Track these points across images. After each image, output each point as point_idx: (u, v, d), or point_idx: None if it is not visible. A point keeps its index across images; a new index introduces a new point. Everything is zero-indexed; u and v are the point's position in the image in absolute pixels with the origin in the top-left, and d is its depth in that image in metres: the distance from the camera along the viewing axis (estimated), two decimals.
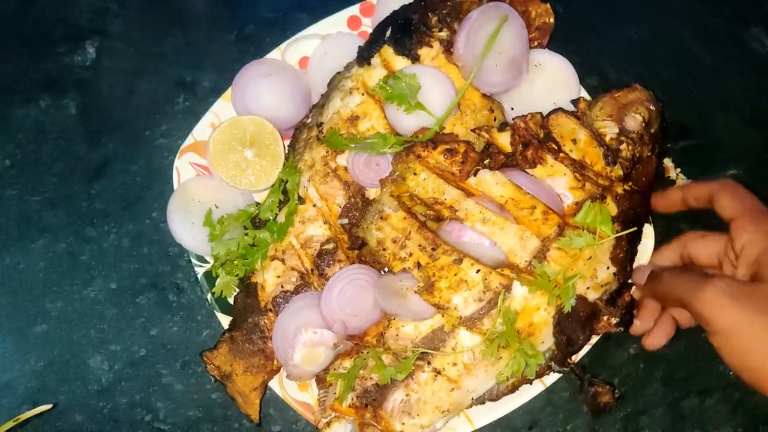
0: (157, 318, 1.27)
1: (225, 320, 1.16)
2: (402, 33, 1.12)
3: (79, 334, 1.27)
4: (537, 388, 1.15)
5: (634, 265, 1.11)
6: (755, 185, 1.28)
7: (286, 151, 1.18)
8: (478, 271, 1.01)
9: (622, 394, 1.21)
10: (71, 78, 1.37)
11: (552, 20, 1.18)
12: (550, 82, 1.17)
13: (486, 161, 1.04)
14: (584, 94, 1.18)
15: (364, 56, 1.14)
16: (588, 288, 1.04)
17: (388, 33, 1.13)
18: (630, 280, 1.09)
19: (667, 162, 1.31)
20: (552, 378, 1.15)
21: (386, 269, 1.06)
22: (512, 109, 1.17)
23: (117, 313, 1.28)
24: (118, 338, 1.27)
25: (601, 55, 1.35)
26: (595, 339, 1.14)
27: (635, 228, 1.03)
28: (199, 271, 1.18)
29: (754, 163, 1.32)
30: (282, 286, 1.11)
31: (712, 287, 0.91)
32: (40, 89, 1.36)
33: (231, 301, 1.16)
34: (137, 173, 1.33)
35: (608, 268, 1.04)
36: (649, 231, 1.15)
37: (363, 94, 1.12)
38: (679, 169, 1.31)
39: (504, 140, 1.07)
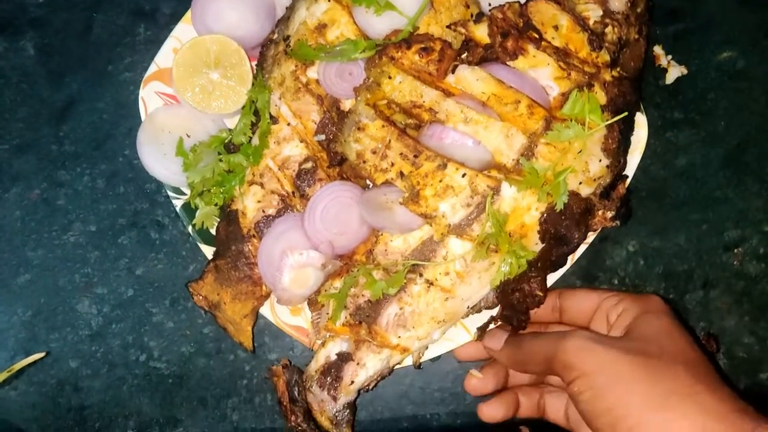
0: (140, 257, 1.24)
1: (209, 251, 1.13)
2: None
3: (64, 280, 1.24)
4: None
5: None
6: (750, 67, 1.24)
7: (254, 71, 1.12)
8: (464, 175, 0.96)
9: None
10: (26, 18, 1.30)
11: None
12: None
13: (464, 56, 0.98)
14: None
15: None
16: (580, 183, 0.99)
17: None
18: (624, 173, 1.05)
19: (658, 49, 1.25)
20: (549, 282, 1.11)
21: (369, 183, 1.02)
22: (489, 4, 1.09)
23: (100, 256, 1.25)
24: (104, 281, 1.24)
25: None
26: (591, 237, 1.10)
27: (625, 114, 0.98)
28: (177, 203, 1.14)
29: (749, 44, 1.25)
30: (263, 211, 1.07)
31: (576, 335, 0.92)
32: None
33: (213, 231, 1.12)
34: (104, 111, 1.28)
35: (600, 160, 0.99)
36: (641, 120, 1.09)
37: (329, 1, 1.05)
38: (670, 56, 1.24)
39: (482, 33, 1.00)
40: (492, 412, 1.06)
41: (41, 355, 1.21)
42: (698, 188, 1.24)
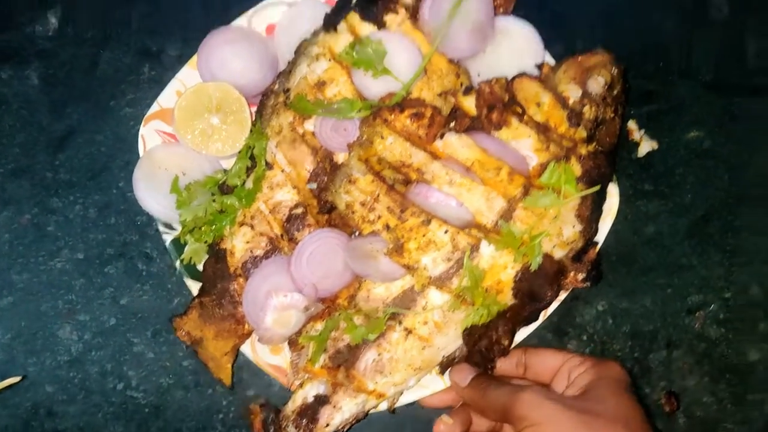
0: (126, 287, 1.26)
1: (195, 287, 1.16)
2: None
3: (47, 305, 1.26)
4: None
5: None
6: (716, 147, 1.34)
7: (253, 118, 1.18)
8: (446, 232, 1.03)
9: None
10: (33, 48, 1.33)
11: None
12: (516, 47, 1.18)
13: (452, 124, 1.06)
14: (549, 59, 1.20)
15: (330, 22, 1.13)
16: (554, 246, 1.06)
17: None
18: (595, 238, 1.13)
19: (632, 125, 1.35)
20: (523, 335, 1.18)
21: (356, 232, 1.07)
22: (479, 75, 1.18)
23: (85, 283, 1.26)
24: (87, 308, 1.26)
25: (567, 23, 1.37)
26: (563, 295, 1.17)
27: (599, 186, 1.06)
28: (167, 238, 1.18)
29: (715, 126, 1.36)
30: (251, 252, 1.11)
31: (532, 389, 1.01)
32: (1, 60, 1.32)
33: (200, 267, 1.15)
34: (103, 143, 1.31)
35: (574, 226, 1.07)
36: (613, 190, 1.18)
37: (329, 60, 1.12)
38: (643, 131, 1.34)
39: (469, 104, 1.08)
40: None
41: (17, 379, 1.21)
42: (665, 255, 1.33)
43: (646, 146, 1.35)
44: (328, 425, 1.05)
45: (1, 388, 1.20)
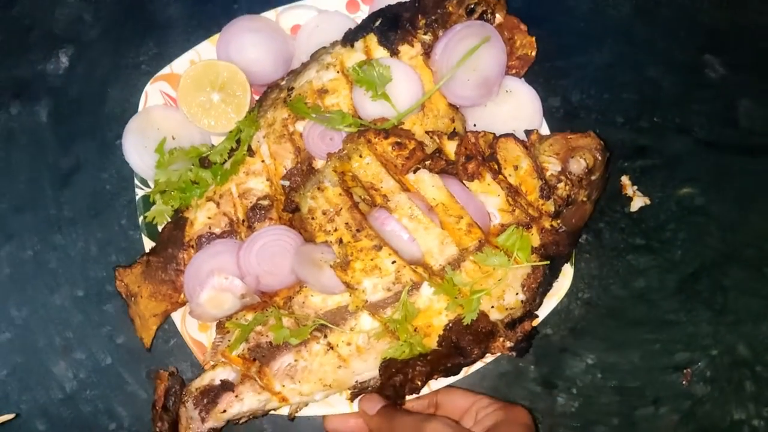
0: (123, 326, 1.27)
1: (149, 245, 1.19)
2: (389, 26, 1.16)
3: (44, 341, 1.27)
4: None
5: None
6: (708, 204, 1.36)
7: (252, 105, 1.22)
8: (393, 262, 1.04)
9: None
10: (44, 85, 1.37)
11: (534, 54, 1.22)
12: (516, 110, 1.21)
13: (427, 162, 1.08)
14: (545, 129, 1.22)
15: (349, 38, 1.18)
16: (492, 307, 1.07)
17: (377, 23, 1.17)
18: (535, 312, 1.13)
19: (625, 180, 1.36)
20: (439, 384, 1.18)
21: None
22: (474, 125, 1.21)
23: (83, 321, 1.28)
24: (83, 346, 1.27)
25: (566, 77, 1.40)
26: (489, 358, 1.17)
27: (548, 262, 1.07)
28: (139, 193, 1.21)
29: (708, 184, 1.37)
30: (210, 228, 1.15)
31: (438, 420, 1.03)
32: (11, 95, 1.36)
33: (160, 229, 1.19)
34: (107, 181, 1.33)
35: (517, 294, 1.08)
36: (568, 271, 1.19)
37: (338, 72, 1.16)
38: (635, 187, 1.35)
39: (451, 148, 1.11)
40: None
41: (11, 416, 1.23)
42: (654, 310, 1.33)
43: (638, 202, 1.36)
44: (225, 411, 1.06)
45: None
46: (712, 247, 1.34)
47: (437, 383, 1.15)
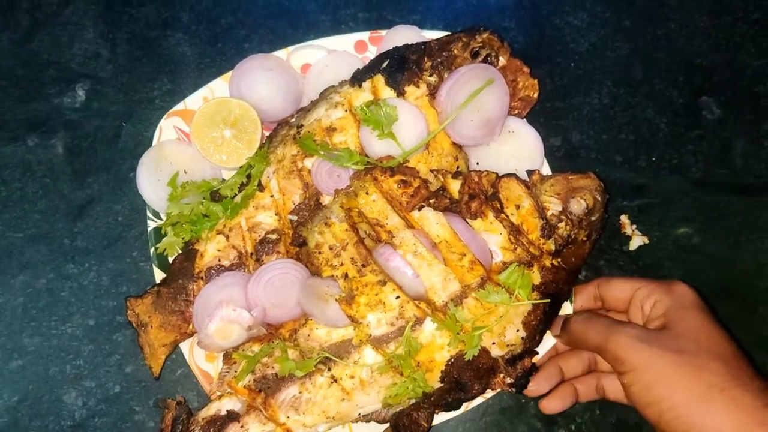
0: (132, 355, 1.30)
1: (160, 276, 1.22)
2: (396, 68, 1.20)
3: (55, 369, 1.30)
4: None
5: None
6: (703, 244, 1.39)
7: (263, 141, 1.26)
8: (397, 297, 1.07)
9: None
10: (60, 119, 1.42)
11: (536, 95, 1.26)
12: (519, 150, 1.25)
13: (431, 200, 1.12)
14: (546, 169, 1.26)
15: (357, 78, 1.22)
16: (493, 343, 1.09)
17: (385, 64, 1.21)
18: (535, 349, 1.15)
19: (624, 219, 1.39)
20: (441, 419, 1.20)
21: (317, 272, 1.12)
22: (477, 164, 1.24)
23: (93, 350, 1.31)
24: (94, 375, 1.30)
25: (566, 118, 1.45)
26: (489, 394, 1.19)
27: (549, 300, 1.09)
28: (151, 225, 1.25)
29: (703, 224, 1.40)
30: (219, 260, 1.18)
31: (625, 332, 1.04)
32: (28, 128, 1.41)
33: (171, 260, 1.22)
34: (120, 213, 1.37)
35: (518, 330, 1.10)
36: (567, 310, 1.21)
37: (346, 111, 1.20)
38: (634, 226, 1.39)
39: (455, 187, 1.14)
40: (552, 404, 1.17)
41: None
42: None
43: (637, 241, 1.39)
44: None
45: None
46: (707, 284, 1.33)
47: (439, 418, 1.17)
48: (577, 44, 1.48)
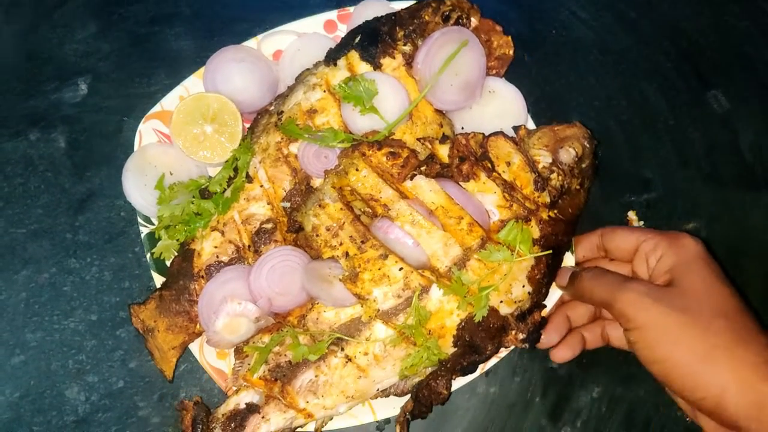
0: (135, 351, 1.29)
1: (160, 281, 1.21)
2: (369, 41, 1.19)
3: (57, 364, 1.29)
4: None
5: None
6: (711, 240, 1.36)
7: (245, 133, 1.24)
8: (400, 269, 1.07)
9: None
10: (60, 113, 1.41)
11: (511, 52, 1.26)
12: (501, 109, 1.25)
13: (423, 168, 1.11)
14: (531, 124, 1.26)
15: (331, 57, 1.21)
16: (501, 302, 1.10)
17: (357, 39, 1.20)
18: (543, 302, 1.16)
19: (631, 215, 1.39)
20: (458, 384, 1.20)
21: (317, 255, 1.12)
22: (462, 128, 1.24)
23: (96, 345, 1.30)
24: (96, 369, 1.29)
25: (572, 108, 1.43)
26: (504, 352, 1.19)
27: (551, 252, 1.10)
28: (144, 231, 1.23)
29: (710, 219, 1.39)
30: (217, 257, 1.17)
31: (632, 289, 1.04)
32: (29, 123, 1.40)
33: (168, 263, 1.21)
34: (122, 208, 1.36)
35: (524, 286, 1.10)
36: (569, 260, 1.21)
37: (324, 91, 1.19)
38: (642, 222, 1.38)
39: (444, 152, 1.14)
40: (562, 354, 1.19)
41: None
42: None
43: None
44: None
45: None
46: None
47: (455, 384, 1.17)
48: (579, 33, 1.45)
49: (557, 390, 1.31)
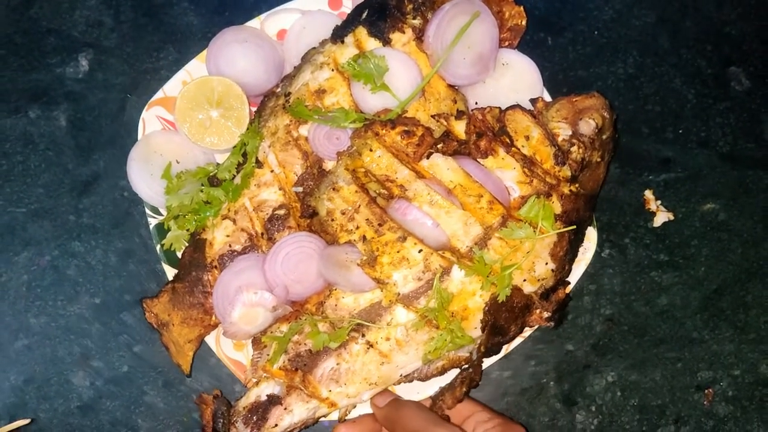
0: (141, 335, 1.27)
1: (171, 272, 1.18)
2: (377, 16, 1.15)
3: (62, 350, 1.26)
4: None
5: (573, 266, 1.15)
6: (731, 220, 1.34)
7: (252, 117, 1.20)
8: (420, 251, 1.04)
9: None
10: (62, 89, 1.35)
11: (524, 23, 1.22)
12: (516, 81, 1.21)
13: (439, 146, 1.08)
14: (546, 96, 1.22)
15: (338, 34, 1.17)
16: (524, 280, 1.07)
17: (365, 14, 1.16)
18: (566, 278, 1.13)
19: (648, 194, 1.35)
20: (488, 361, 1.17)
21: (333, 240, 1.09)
22: (476, 103, 1.20)
23: (101, 330, 1.27)
24: (102, 355, 1.26)
25: (590, 88, 1.37)
26: (528, 332, 1.17)
27: (574, 227, 1.06)
28: (152, 222, 1.20)
29: (729, 199, 1.36)
30: (230, 246, 1.13)
31: (446, 428, 1.01)
32: (29, 99, 1.34)
33: (179, 255, 1.17)
34: (126, 189, 1.30)
35: (546, 263, 1.07)
36: (592, 235, 1.18)
37: (333, 70, 1.15)
38: (659, 202, 1.34)
39: (460, 128, 1.10)
40: None
41: (26, 421, 1.22)
42: (676, 328, 1.32)
43: (662, 217, 1.35)
44: (276, 425, 1.05)
45: (8, 430, 1.21)
46: (735, 263, 1.34)
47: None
48: (600, 11, 1.40)
49: (571, 375, 1.29)
